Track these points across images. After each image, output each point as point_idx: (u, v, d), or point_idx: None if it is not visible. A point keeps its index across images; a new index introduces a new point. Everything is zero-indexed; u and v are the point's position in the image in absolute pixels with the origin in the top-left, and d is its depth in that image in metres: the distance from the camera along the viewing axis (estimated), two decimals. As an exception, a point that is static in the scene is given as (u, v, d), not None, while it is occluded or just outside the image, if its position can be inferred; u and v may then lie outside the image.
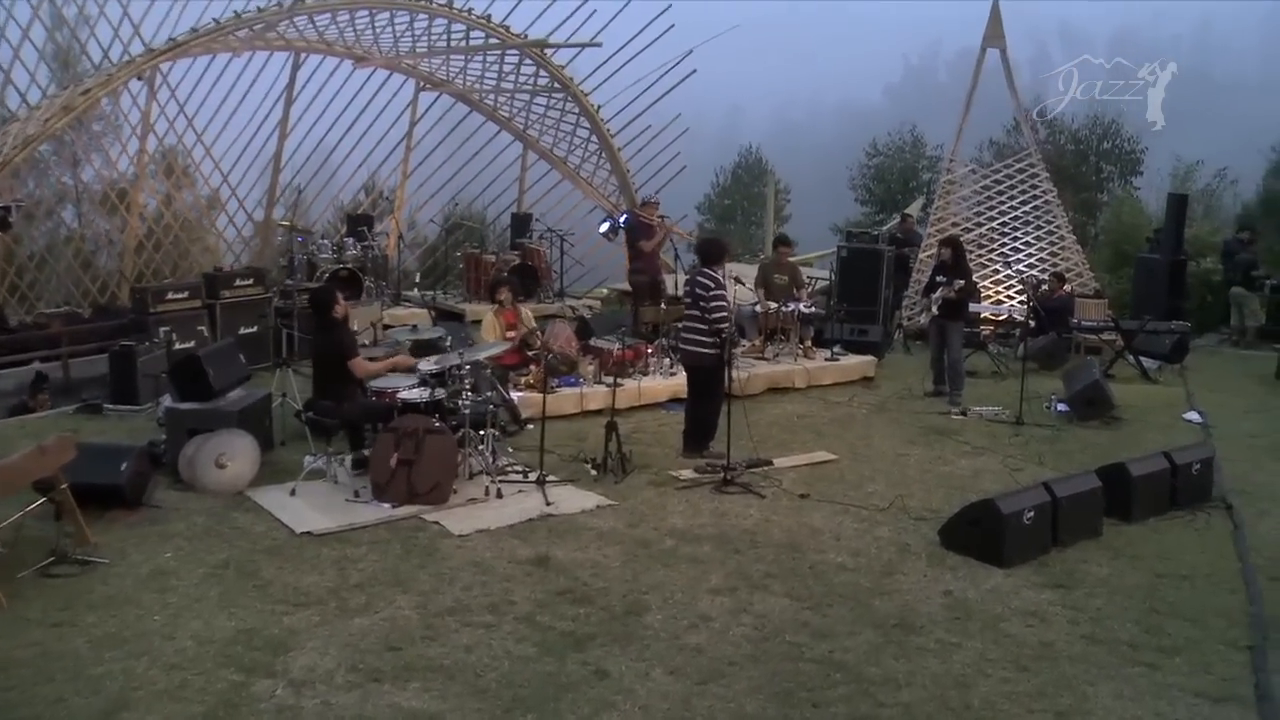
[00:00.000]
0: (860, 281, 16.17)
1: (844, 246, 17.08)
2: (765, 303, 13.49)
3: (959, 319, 12.32)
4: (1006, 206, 18.97)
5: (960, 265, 12.32)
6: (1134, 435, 11.06)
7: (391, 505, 8.16)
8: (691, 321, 9.55)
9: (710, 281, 9.35)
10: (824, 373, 13.10)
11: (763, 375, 12.60)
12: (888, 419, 11.50)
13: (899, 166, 35.09)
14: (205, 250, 18.40)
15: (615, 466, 9.10)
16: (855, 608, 6.57)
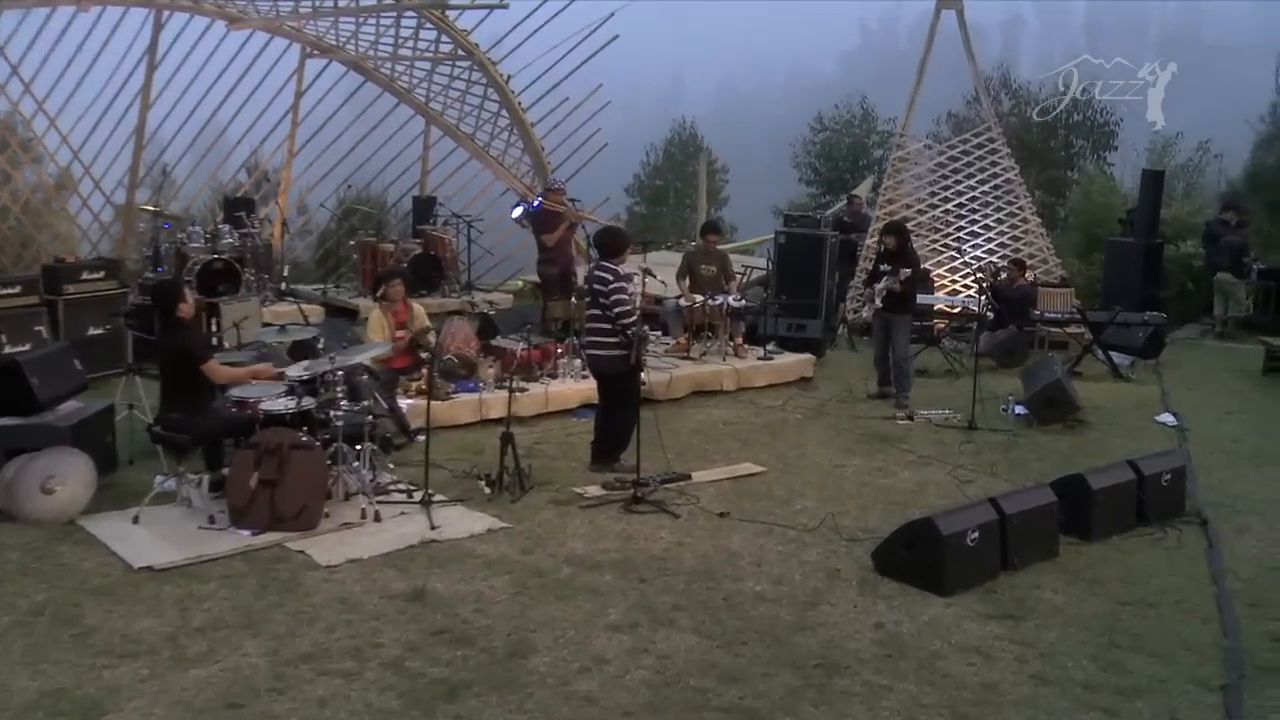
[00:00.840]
0: (800, 271, 15.94)
1: (782, 232, 16.91)
2: (690, 296, 13.35)
3: (905, 313, 12.28)
4: (964, 186, 19.04)
5: (906, 253, 12.26)
6: (1099, 441, 11.06)
7: (251, 532, 7.86)
8: (594, 322, 9.41)
9: (609, 275, 9.21)
10: (756, 373, 13.03)
11: (686, 377, 12.50)
12: (825, 425, 11.43)
13: (847, 142, 35.11)
14: (57, 238, 17.83)
15: (512, 483, 8.90)
16: (772, 645, 6.38)
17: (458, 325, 12.01)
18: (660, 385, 12.08)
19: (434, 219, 18.77)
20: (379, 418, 9.61)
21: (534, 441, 10.41)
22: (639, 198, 40.63)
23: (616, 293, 9.13)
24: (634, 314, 9.18)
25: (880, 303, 12.20)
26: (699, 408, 12.03)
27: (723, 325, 13.37)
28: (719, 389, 12.64)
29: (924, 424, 11.43)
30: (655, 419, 9.39)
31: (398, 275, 11.56)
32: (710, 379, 12.66)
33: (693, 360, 13.03)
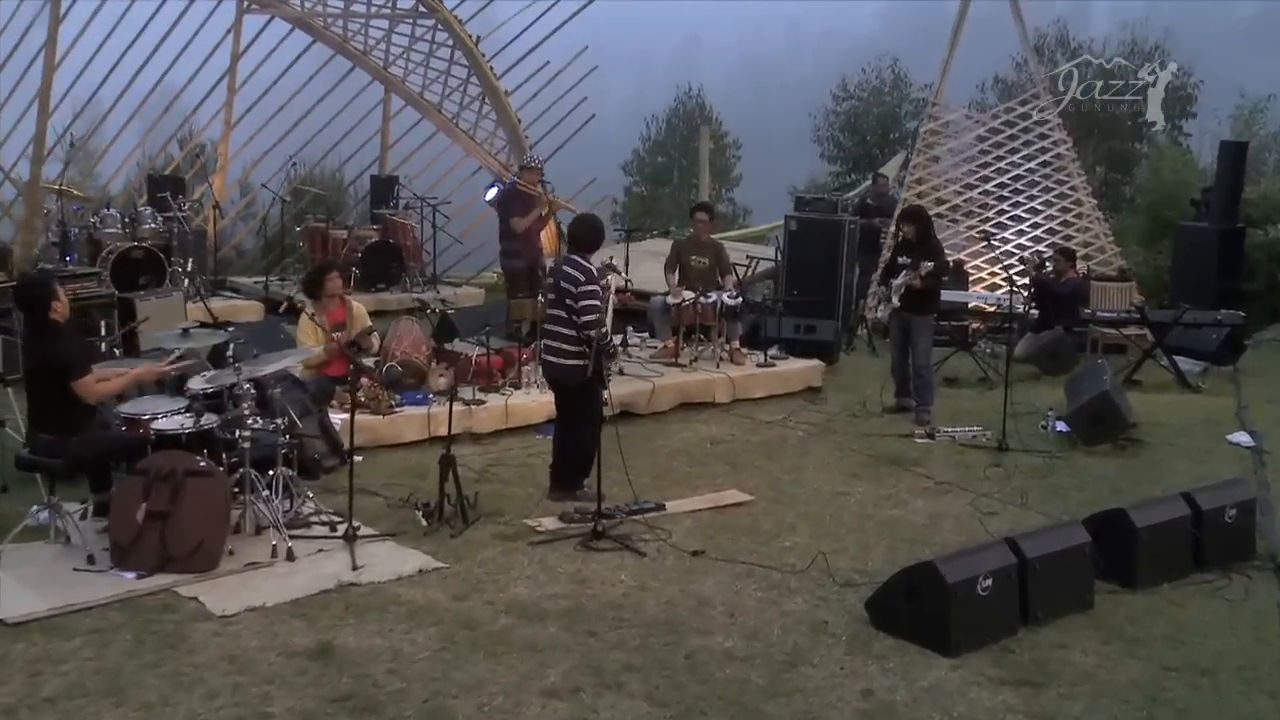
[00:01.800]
0: (814, 262, 15.98)
1: (793, 217, 16.91)
2: (679, 292, 13.14)
3: (927, 312, 12.08)
4: (1007, 163, 18.74)
5: (928, 244, 12.06)
6: (1156, 465, 10.77)
7: (136, 575, 7.59)
8: (555, 324, 9.19)
9: (579, 272, 8.98)
10: (754, 382, 12.87)
11: (672, 387, 12.30)
12: (830, 444, 11.21)
13: (876, 112, 34.72)
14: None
15: (453, 514, 8.64)
16: (737, 717, 6.07)
17: (406, 327, 11.81)
18: (641, 397, 11.90)
19: (394, 202, 18.65)
20: (302, 437, 9.37)
21: (488, 464, 10.20)
22: (638, 177, 40.44)
23: (587, 296, 8.91)
24: (600, 319, 8.92)
25: (898, 301, 11.97)
26: (686, 423, 11.83)
27: (716, 327, 13.15)
28: (710, 401, 12.45)
29: (947, 443, 11.22)
30: (617, 437, 9.11)
31: (333, 268, 11.42)
32: (700, 390, 12.46)
33: (682, 367, 12.85)
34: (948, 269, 12.71)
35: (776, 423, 11.85)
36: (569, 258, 9.21)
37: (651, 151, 40.51)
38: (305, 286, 11.55)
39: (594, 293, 8.97)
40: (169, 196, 16.15)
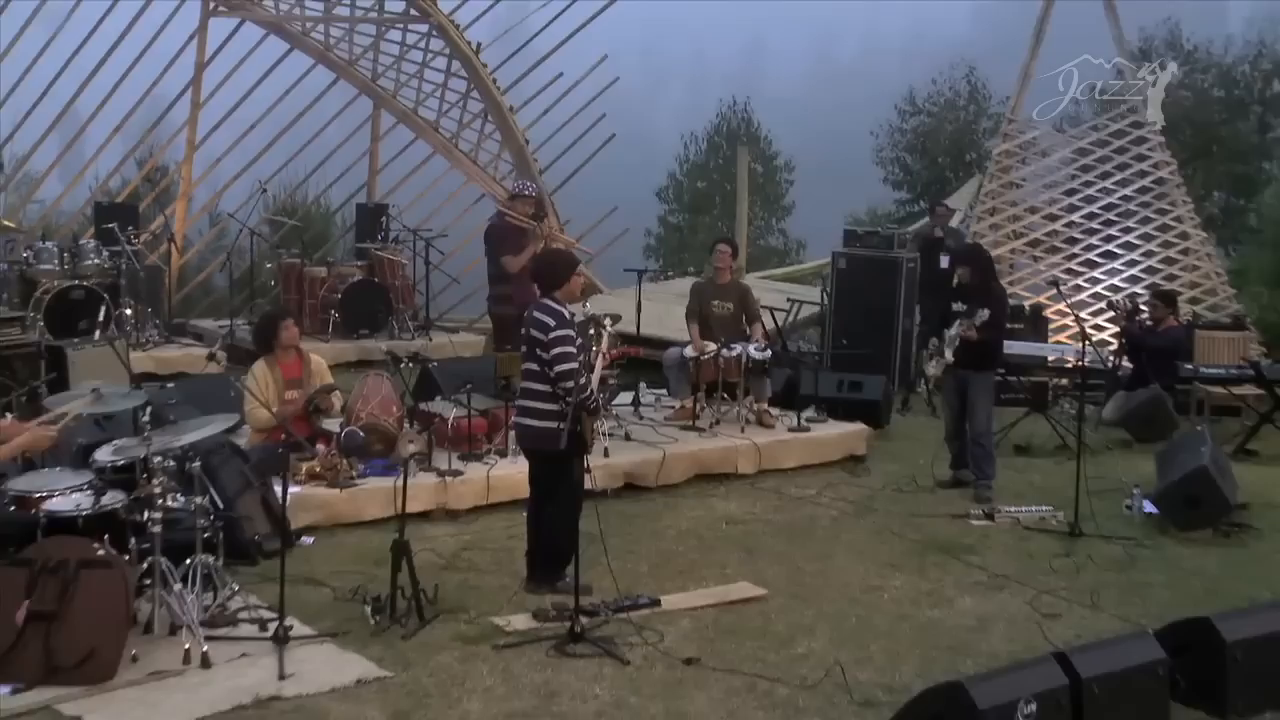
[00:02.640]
0: (866, 307, 15.95)
1: (842, 254, 16.78)
2: (700, 344, 12.99)
3: (986, 368, 11.84)
4: (1099, 189, 18.40)
5: (986, 289, 11.80)
6: (1266, 560, 10.36)
7: (13, 689, 7.31)
8: (528, 380, 9.00)
9: (549, 317, 8.80)
10: (785, 450, 12.63)
11: (686, 456, 12.03)
12: (868, 525, 10.91)
13: (949, 130, 34.41)
14: None
15: (407, 611, 8.37)
16: None
17: (375, 384, 11.60)
18: (649, 467, 11.67)
19: (383, 234, 18.47)
20: (233, 518, 9.21)
21: (462, 547, 9.97)
22: (674, 205, 40.32)
23: (559, 343, 8.70)
24: (577, 370, 8.67)
25: (951, 355, 11.68)
26: (700, 498, 11.61)
27: (741, 384, 12.96)
28: (731, 472, 12.24)
29: (1009, 526, 10.95)
30: (597, 516, 8.93)
31: (287, 315, 11.42)
32: (719, 459, 12.22)
33: (700, 432, 12.64)
34: (1006, 318, 12.36)
35: (807, 499, 11.67)
36: (539, 302, 9.02)
37: (691, 175, 40.30)
38: (255, 337, 11.43)
39: (568, 339, 8.73)
40: (116, 228, 15.91)
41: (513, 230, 12.81)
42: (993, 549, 10.37)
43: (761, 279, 22.08)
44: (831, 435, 13.05)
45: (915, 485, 12.12)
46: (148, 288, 16.37)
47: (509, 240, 12.78)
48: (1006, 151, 18.72)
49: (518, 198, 13.09)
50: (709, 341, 12.97)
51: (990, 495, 11.59)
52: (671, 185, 40.50)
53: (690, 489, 11.81)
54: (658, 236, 38.47)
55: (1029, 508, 11.29)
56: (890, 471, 12.57)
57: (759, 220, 38.87)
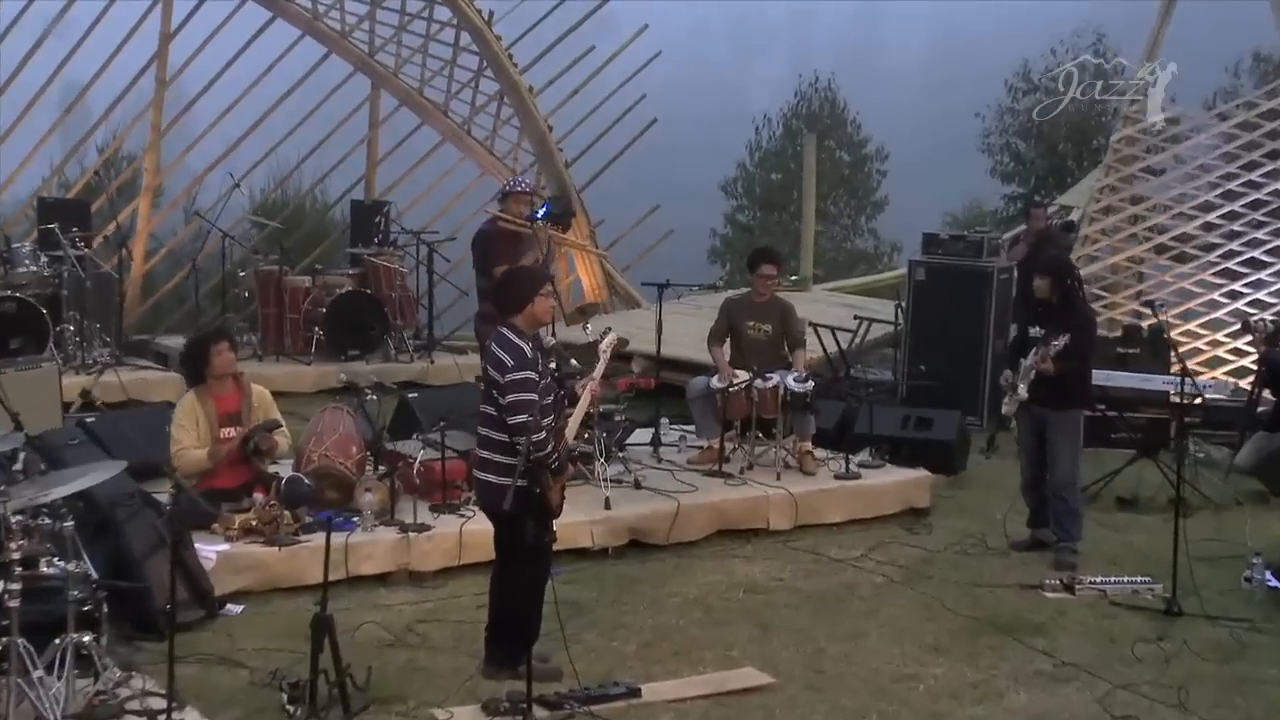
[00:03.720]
0: (949, 326, 15.84)
1: (921, 263, 16.63)
2: (729, 372, 12.76)
3: (1069, 406, 11.45)
4: (1243, 184, 17.99)
5: (1069, 308, 11.44)
6: None
7: None
8: (485, 426, 8.74)
9: (505, 353, 8.52)
10: (828, 501, 12.38)
11: (707, 508, 11.81)
12: (916, 597, 10.62)
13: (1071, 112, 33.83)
14: None
15: (328, 701, 8.12)
16: None
17: (333, 419, 11.49)
18: (659, 521, 11.45)
19: (380, 237, 18.36)
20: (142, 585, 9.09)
21: (419, 618, 9.76)
22: (743, 200, 40.07)
23: (515, 388, 8.41)
24: (533, 418, 8.36)
25: (1025, 391, 11.31)
26: (720, 559, 11.42)
27: (779, 421, 12.71)
28: (762, 528, 12.04)
29: (1092, 599, 10.62)
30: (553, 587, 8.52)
31: (220, 336, 11.12)
32: (747, 511, 12.01)
33: (727, 478, 12.43)
34: (1092, 345, 12.01)
35: (848, 562, 11.43)
36: (497, 332, 8.78)
37: (763, 165, 39.99)
38: (182, 365, 11.27)
39: (526, 384, 8.43)
40: (58, 229, 15.80)
41: (505, 235, 12.64)
42: (1066, 629, 10.05)
43: (831, 291, 21.90)
44: (887, 484, 12.83)
45: (984, 546, 11.86)
46: (97, 299, 16.23)
47: (501, 247, 12.58)
48: (1128, 138, 18.29)
49: (511, 195, 12.90)
50: (740, 370, 12.76)
51: (1074, 561, 11.29)
52: (741, 177, 40.14)
53: (709, 548, 11.65)
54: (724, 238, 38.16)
55: (1120, 578, 10.96)
56: (956, 529, 12.35)
57: (845, 219, 38.62)
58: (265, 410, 11.02)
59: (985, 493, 13.45)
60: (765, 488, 12.25)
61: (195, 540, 9.94)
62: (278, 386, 16.19)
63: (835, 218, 39.20)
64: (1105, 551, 11.77)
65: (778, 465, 12.64)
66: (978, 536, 12.05)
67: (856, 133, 39.73)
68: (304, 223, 22.51)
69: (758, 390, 12.65)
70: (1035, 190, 32.28)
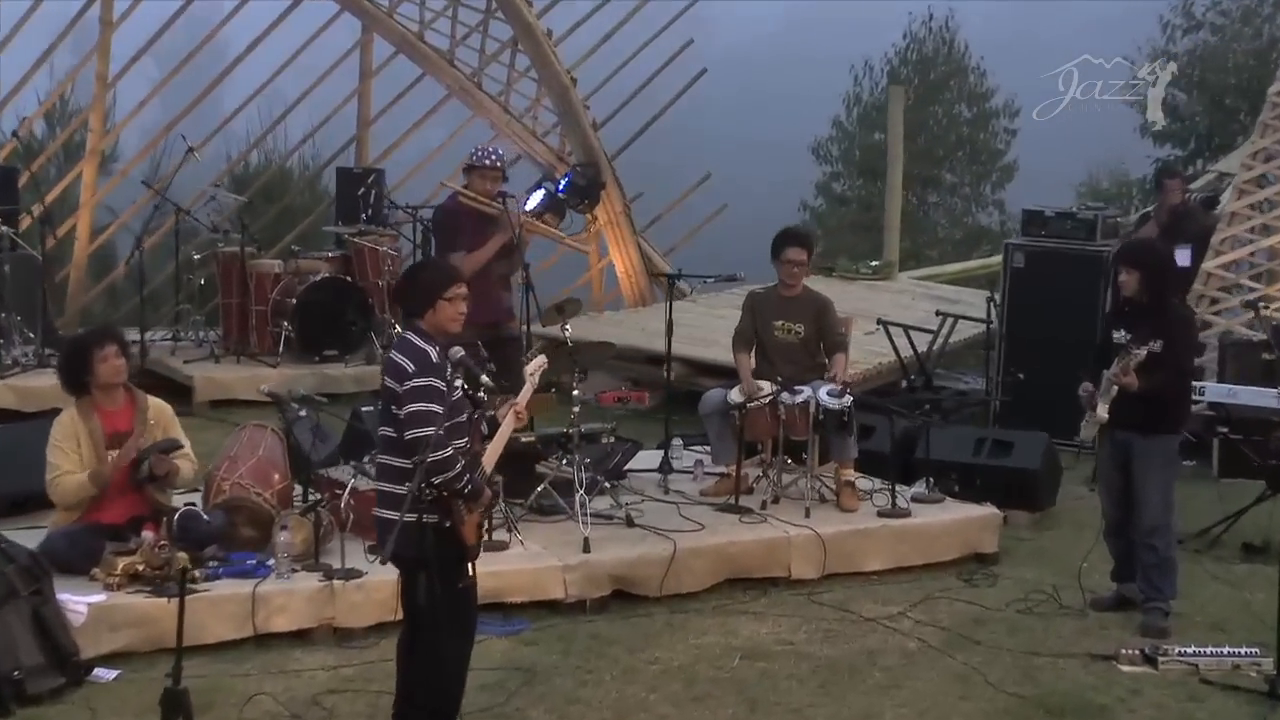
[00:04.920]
0: (1053, 324, 15.77)
1: (1020, 246, 16.63)
2: (749, 384, 12.69)
3: (1160, 430, 11.11)
4: None
5: (1161, 307, 11.11)
6: None
7: None
8: (387, 452, 8.61)
9: (407, 359, 8.37)
10: (866, 544, 12.18)
11: (712, 551, 11.63)
12: (955, 669, 10.34)
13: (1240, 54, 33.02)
14: None
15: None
16: None
17: (254, 439, 11.51)
18: (649, 568, 11.25)
19: (367, 212, 18.30)
20: None
21: (331, 686, 9.60)
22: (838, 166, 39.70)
23: (415, 397, 8.25)
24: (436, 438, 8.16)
25: (1105, 411, 10.94)
26: (723, 615, 11.23)
27: (811, 444, 12.56)
28: (783, 577, 11.88)
29: (1179, 675, 10.23)
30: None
31: (107, 338, 10.88)
32: (762, 556, 11.82)
33: (743, 514, 12.25)
34: (1190, 353, 11.62)
35: (880, 621, 11.17)
36: (399, 337, 8.73)
37: (863, 123, 39.35)
38: (61, 372, 11.12)
39: (429, 392, 8.29)
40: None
41: (469, 216, 12.53)
42: (1136, 713, 9.75)
43: (921, 280, 21.59)
44: (943, 523, 12.61)
45: (1056, 604, 11.50)
46: (17, 288, 16.29)
47: (464, 230, 12.51)
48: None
49: (475, 170, 12.74)
50: (765, 381, 12.66)
51: (1164, 626, 10.91)
52: (838, 137, 39.71)
53: (713, 601, 11.47)
54: (816, 212, 37.76)
55: (1220, 648, 10.54)
56: (1026, 581, 12.05)
57: (965, 188, 38.13)
58: (165, 429, 10.89)
59: (1075, 535, 13.05)
60: (788, 527, 12.06)
61: (62, 589, 9.83)
62: (236, 394, 16.35)
63: (955, 187, 38.69)
64: (1212, 613, 11.40)
65: (808, 498, 12.45)
66: (1051, 591, 11.76)
67: (980, 82, 39.10)
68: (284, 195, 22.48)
69: (784, 406, 12.48)
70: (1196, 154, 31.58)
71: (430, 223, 13.28)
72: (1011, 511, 13.14)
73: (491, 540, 11.06)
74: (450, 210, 12.76)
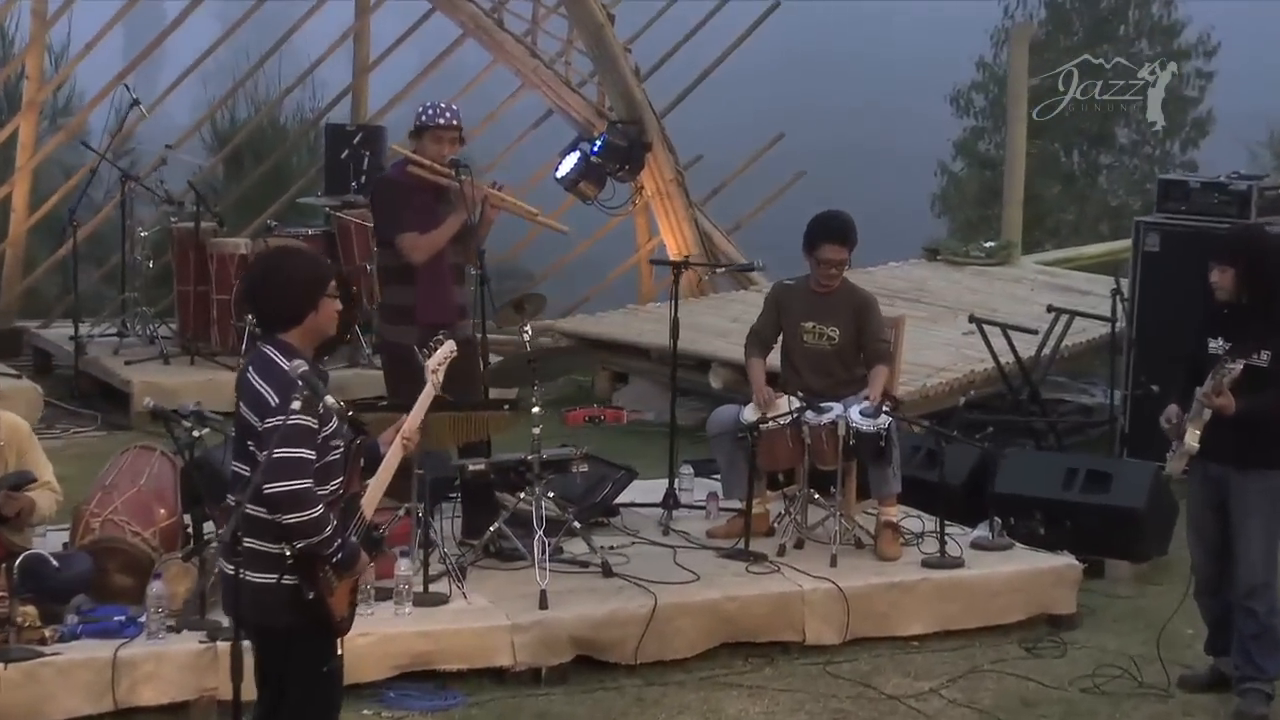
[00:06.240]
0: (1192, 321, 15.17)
1: (1154, 225, 16.47)
2: (765, 397, 12.62)
3: (1264, 465, 10.86)
4: None
5: (1269, 311, 10.88)
6: None
7: None
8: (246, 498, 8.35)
9: (265, 386, 8.11)
10: (904, 602, 12.05)
11: (700, 609, 11.52)
12: None
13: None
14: None
15: None
16: None
17: (134, 466, 11.66)
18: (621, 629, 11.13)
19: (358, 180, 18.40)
20: None
21: None
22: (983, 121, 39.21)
23: (281, 438, 7.94)
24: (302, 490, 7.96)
25: (1196, 440, 10.67)
26: (710, 689, 11.11)
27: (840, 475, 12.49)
28: (796, 642, 11.75)
29: None
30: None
31: None
32: (769, 615, 11.68)
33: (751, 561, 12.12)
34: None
35: (905, 699, 11.01)
36: (256, 353, 8.37)
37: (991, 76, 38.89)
38: None
39: (296, 433, 8.02)
40: None
41: (420, 190, 12.34)
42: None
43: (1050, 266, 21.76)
44: (1004, 576, 12.43)
45: (1134, 680, 11.28)
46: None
47: (410, 207, 12.39)
48: None
49: (427, 130, 12.58)
50: (784, 395, 12.55)
51: (1263, 712, 10.71)
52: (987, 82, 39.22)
53: (703, 671, 11.32)
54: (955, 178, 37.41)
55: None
56: (1106, 650, 11.86)
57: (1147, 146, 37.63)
58: (18, 453, 10.87)
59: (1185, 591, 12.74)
60: (804, 578, 11.92)
61: None
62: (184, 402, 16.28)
63: (1135, 146, 38.21)
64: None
65: (836, 543, 12.28)
66: (1129, 665, 11.56)
67: (1166, 12, 38.50)
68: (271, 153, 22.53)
69: (809, 427, 12.32)
70: None
71: (370, 197, 13.02)
72: (1111, 561, 13.09)
73: (427, 593, 11.13)
74: (395, 183, 12.67)
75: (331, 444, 8.16)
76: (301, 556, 8.01)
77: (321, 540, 7.96)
